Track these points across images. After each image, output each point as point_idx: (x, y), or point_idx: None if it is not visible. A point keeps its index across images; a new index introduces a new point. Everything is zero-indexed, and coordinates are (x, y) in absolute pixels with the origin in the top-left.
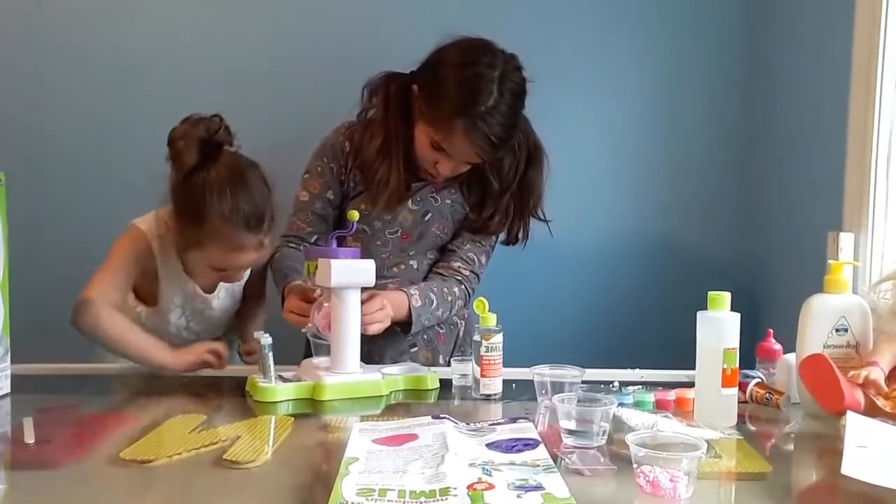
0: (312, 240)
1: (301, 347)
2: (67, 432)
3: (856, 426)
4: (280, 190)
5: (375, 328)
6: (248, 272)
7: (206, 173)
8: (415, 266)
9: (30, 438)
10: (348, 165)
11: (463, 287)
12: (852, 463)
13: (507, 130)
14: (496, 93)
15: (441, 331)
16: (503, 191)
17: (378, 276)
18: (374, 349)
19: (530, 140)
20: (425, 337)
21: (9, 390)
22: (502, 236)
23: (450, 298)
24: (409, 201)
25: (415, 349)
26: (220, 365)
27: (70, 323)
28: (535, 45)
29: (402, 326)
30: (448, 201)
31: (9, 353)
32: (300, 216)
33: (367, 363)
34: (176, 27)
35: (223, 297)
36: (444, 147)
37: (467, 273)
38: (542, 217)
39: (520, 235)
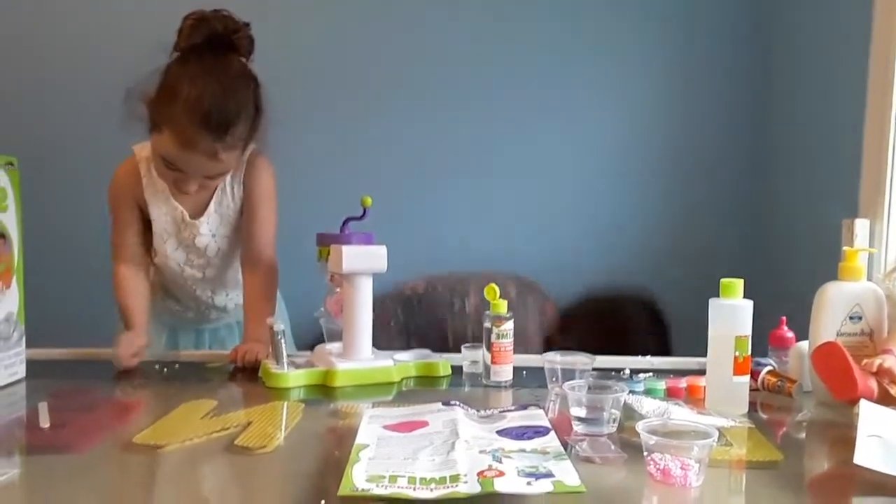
0: None
1: (313, 333)
2: (81, 417)
3: (869, 415)
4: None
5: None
6: (213, 205)
7: (195, 57)
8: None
9: (45, 423)
10: None
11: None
12: (865, 452)
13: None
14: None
15: None
16: None
17: None
18: None
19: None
20: None
21: (24, 375)
22: None
23: None
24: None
25: None
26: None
27: None
28: (546, 35)
29: None
30: None
31: (24, 338)
32: None
33: None
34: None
35: (213, 221)
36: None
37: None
38: None
39: None
